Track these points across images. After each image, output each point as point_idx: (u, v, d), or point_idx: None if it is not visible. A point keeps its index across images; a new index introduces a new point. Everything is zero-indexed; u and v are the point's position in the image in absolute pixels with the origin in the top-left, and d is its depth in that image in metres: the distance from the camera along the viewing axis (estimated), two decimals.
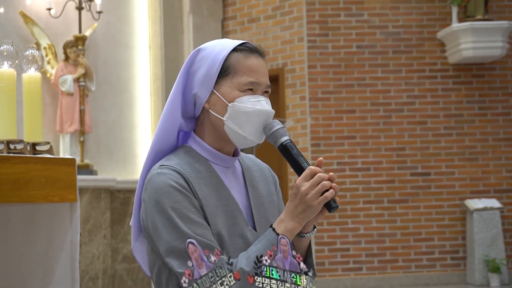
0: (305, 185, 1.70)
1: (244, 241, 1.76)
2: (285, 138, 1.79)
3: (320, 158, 1.76)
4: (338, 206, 1.73)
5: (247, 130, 1.78)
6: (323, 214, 1.75)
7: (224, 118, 1.77)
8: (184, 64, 1.84)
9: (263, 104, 1.78)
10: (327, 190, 1.70)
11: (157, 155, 1.83)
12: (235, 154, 1.88)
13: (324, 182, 1.69)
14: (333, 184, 1.70)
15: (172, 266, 1.66)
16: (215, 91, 1.78)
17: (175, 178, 1.72)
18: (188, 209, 1.69)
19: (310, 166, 1.73)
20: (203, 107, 1.81)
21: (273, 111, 1.81)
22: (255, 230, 1.82)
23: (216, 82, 1.78)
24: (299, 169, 1.76)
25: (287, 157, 1.79)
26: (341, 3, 7.46)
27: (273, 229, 1.72)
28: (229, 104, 1.76)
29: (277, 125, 1.80)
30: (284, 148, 1.79)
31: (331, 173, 1.72)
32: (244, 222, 1.79)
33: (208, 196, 1.75)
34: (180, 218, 1.67)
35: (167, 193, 1.69)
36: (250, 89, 1.78)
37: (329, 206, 1.72)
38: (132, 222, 1.89)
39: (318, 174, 1.70)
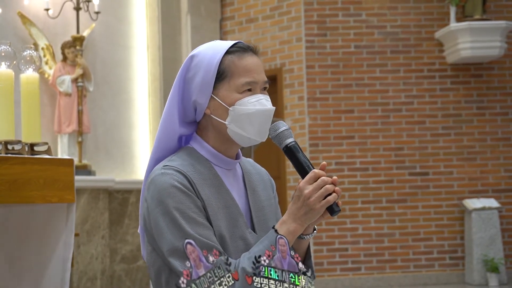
0: (308, 188, 1.71)
1: (244, 243, 1.77)
2: (290, 140, 1.80)
3: (324, 163, 1.77)
4: (340, 210, 1.75)
5: (250, 131, 1.78)
6: (324, 217, 1.77)
7: (226, 122, 1.78)
8: (179, 72, 1.83)
9: (263, 102, 1.79)
10: (330, 194, 1.71)
11: (157, 162, 1.84)
12: (237, 157, 1.88)
13: (327, 186, 1.71)
14: (336, 188, 1.72)
15: (175, 266, 1.66)
16: (214, 96, 1.78)
17: (179, 178, 1.72)
18: (191, 210, 1.69)
19: (314, 169, 1.74)
20: (205, 113, 1.81)
21: (274, 108, 1.81)
22: (255, 232, 1.82)
23: (214, 87, 1.78)
24: (303, 172, 1.77)
25: (291, 159, 1.80)
26: (339, 3, 7.47)
27: (275, 230, 1.73)
28: (230, 108, 1.77)
29: (283, 126, 1.81)
30: (288, 150, 1.80)
31: (335, 177, 1.73)
32: (245, 224, 1.80)
33: (211, 197, 1.75)
34: (184, 218, 1.68)
35: (171, 193, 1.69)
36: (249, 89, 1.78)
37: (332, 209, 1.74)
38: (139, 229, 1.89)
39: (322, 177, 1.72)
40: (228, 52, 1.79)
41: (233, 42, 1.83)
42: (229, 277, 1.66)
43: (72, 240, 2.47)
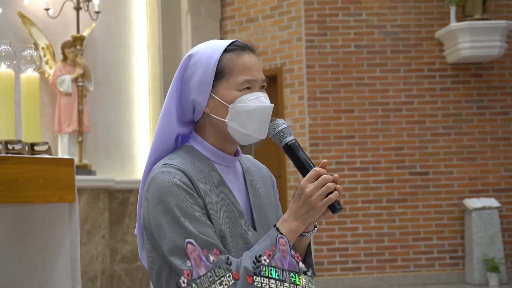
0: (310, 187, 1.71)
1: (245, 241, 1.77)
2: (290, 138, 1.80)
3: (325, 160, 1.76)
4: (342, 208, 1.75)
5: (250, 129, 1.78)
6: (325, 215, 1.77)
7: (226, 120, 1.78)
8: (177, 71, 1.83)
9: (262, 100, 1.79)
10: (331, 192, 1.71)
11: (155, 162, 1.84)
12: (236, 154, 1.88)
13: (328, 184, 1.70)
14: (338, 186, 1.72)
15: (176, 265, 1.66)
16: (214, 95, 1.78)
17: (180, 176, 1.72)
18: (193, 208, 1.69)
19: (315, 168, 1.74)
20: (204, 112, 1.81)
21: (272, 105, 1.82)
22: (255, 230, 1.82)
23: (213, 86, 1.78)
24: (303, 170, 1.76)
25: (291, 157, 1.79)
26: (339, 2, 7.47)
27: (277, 229, 1.73)
28: (230, 106, 1.77)
29: (282, 124, 1.81)
30: (288, 148, 1.79)
31: (336, 175, 1.73)
32: (245, 222, 1.80)
33: (211, 195, 1.75)
34: (185, 216, 1.67)
35: (172, 191, 1.69)
36: (248, 87, 1.78)
37: (333, 208, 1.73)
38: (136, 230, 1.89)
39: (323, 175, 1.71)
40: (226, 50, 1.80)
41: (231, 40, 1.83)
42: (229, 276, 1.66)
43: (78, 239, 2.47)
